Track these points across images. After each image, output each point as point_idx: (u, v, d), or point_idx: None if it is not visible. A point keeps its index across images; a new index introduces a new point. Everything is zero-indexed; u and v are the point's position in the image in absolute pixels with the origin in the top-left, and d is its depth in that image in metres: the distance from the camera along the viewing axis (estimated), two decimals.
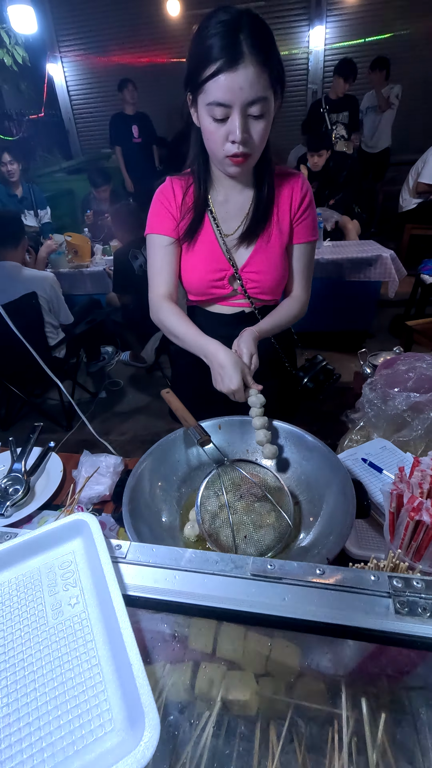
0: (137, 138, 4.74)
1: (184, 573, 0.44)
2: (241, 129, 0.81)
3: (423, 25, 5.04)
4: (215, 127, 0.83)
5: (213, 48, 0.75)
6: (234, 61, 0.74)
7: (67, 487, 1.07)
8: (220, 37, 0.74)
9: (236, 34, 0.74)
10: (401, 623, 0.38)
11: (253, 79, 0.76)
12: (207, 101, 0.80)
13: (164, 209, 1.03)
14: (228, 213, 1.04)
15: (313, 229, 1.08)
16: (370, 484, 0.93)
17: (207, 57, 0.76)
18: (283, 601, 0.41)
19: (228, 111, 0.80)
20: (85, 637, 0.38)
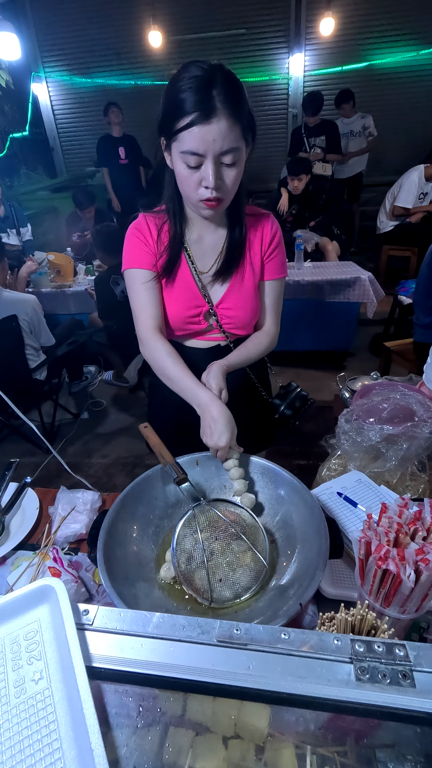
0: (124, 159, 4.81)
1: (150, 640, 0.44)
2: (214, 176, 0.84)
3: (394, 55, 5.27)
4: (189, 173, 0.86)
5: (187, 101, 0.78)
6: (207, 115, 0.78)
7: (43, 524, 1.05)
8: (194, 91, 0.78)
9: (210, 89, 0.78)
10: (360, 691, 0.39)
11: (225, 131, 0.80)
12: (181, 149, 0.83)
13: (142, 244, 1.04)
14: (202, 251, 1.06)
15: (282, 266, 1.13)
16: (345, 519, 0.94)
17: (182, 109, 0.79)
18: (248, 670, 0.41)
19: (201, 159, 0.83)
20: (47, 717, 0.37)
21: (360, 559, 0.64)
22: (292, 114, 5.87)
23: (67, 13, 5.52)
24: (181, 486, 0.89)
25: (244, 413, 1.20)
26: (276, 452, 2.56)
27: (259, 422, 1.33)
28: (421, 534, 0.62)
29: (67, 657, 0.40)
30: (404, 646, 0.42)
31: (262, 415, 1.33)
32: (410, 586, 0.57)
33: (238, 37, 5.52)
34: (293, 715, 0.48)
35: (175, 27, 5.31)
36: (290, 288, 3.19)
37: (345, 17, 5.03)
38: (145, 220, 1.05)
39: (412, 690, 0.39)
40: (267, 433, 1.39)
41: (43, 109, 6.20)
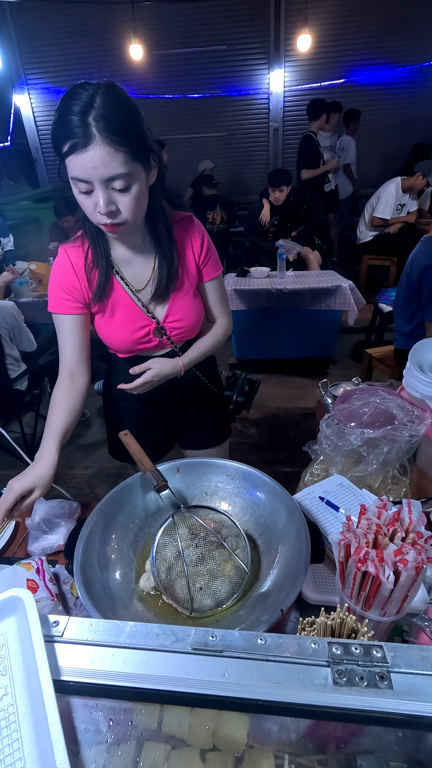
0: None
1: (123, 651, 0.42)
2: (105, 203, 0.81)
3: (371, 72, 5.46)
4: (84, 198, 0.83)
5: (65, 128, 0.75)
6: (84, 143, 0.75)
7: (20, 537, 1.02)
8: (71, 118, 0.74)
9: (86, 115, 0.74)
10: (338, 695, 0.38)
11: (106, 158, 0.76)
12: (70, 175, 0.81)
13: (60, 288, 1.00)
14: (135, 270, 1.04)
15: (216, 264, 1.13)
16: (327, 523, 0.94)
17: (62, 136, 0.76)
18: (223, 678, 0.40)
19: (90, 186, 0.80)
20: (11, 735, 0.35)
21: (340, 561, 0.63)
22: (273, 128, 5.99)
23: (48, 25, 5.56)
24: (161, 493, 0.88)
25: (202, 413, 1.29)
26: (260, 460, 2.56)
27: (216, 418, 1.37)
28: (399, 535, 0.62)
29: (34, 671, 0.38)
30: (381, 647, 0.41)
31: (218, 410, 1.37)
32: (389, 587, 0.57)
33: (219, 53, 5.64)
34: (271, 723, 0.47)
35: (157, 41, 5.40)
36: (273, 296, 3.22)
37: (322, 35, 5.20)
38: (66, 253, 1.00)
39: (389, 692, 0.38)
40: (224, 426, 1.42)
41: (26, 120, 6.21)
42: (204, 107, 5.88)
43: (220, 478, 0.98)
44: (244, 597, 0.79)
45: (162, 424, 1.30)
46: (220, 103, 5.88)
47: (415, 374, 1.23)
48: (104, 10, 5.34)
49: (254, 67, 5.74)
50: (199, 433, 1.34)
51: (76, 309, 1.02)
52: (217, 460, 1.00)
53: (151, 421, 1.25)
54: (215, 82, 5.80)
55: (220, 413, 1.38)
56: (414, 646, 0.41)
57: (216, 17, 5.41)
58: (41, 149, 6.40)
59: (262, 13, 5.40)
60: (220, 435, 1.40)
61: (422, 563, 0.57)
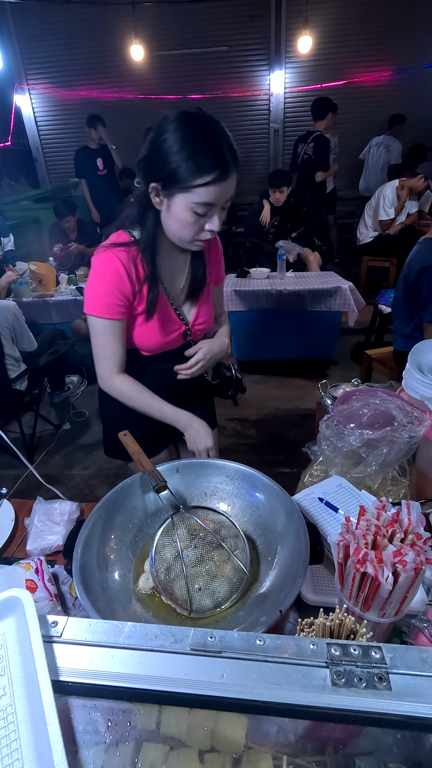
0: (102, 170, 4.84)
1: (121, 651, 0.42)
2: (219, 221, 0.94)
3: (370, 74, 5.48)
4: (195, 219, 0.91)
5: (209, 162, 0.84)
6: (225, 175, 0.87)
7: (18, 537, 1.02)
8: (212, 153, 0.85)
9: (222, 148, 0.85)
10: (336, 696, 0.38)
11: (232, 185, 0.90)
12: (193, 200, 0.88)
13: (117, 293, 1.00)
14: (173, 275, 1.12)
15: (223, 268, 1.26)
16: (326, 524, 0.94)
17: (202, 167, 0.85)
18: (222, 678, 0.40)
19: (211, 209, 0.91)
20: (9, 735, 0.35)
21: (339, 562, 0.63)
22: (273, 129, 6.00)
23: (50, 25, 5.57)
24: (160, 494, 0.88)
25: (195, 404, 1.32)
26: (259, 461, 2.56)
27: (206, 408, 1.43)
28: (398, 536, 0.62)
29: (33, 671, 0.38)
30: (380, 648, 0.41)
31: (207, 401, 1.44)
32: (388, 588, 0.57)
33: (220, 54, 5.65)
34: (270, 724, 0.47)
35: (158, 42, 5.41)
36: (273, 297, 3.23)
37: (322, 36, 5.21)
38: (119, 260, 1.00)
39: (387, 693, 0.38)
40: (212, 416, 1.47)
41: (26, 120, 6.21)
42: (204, 108, 5.81)
43: (219, 479, 0.98)
44: (243, 598, 0.79)
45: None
46: (221, 104, 5.88)
47: (414, 376, 1.23)
48: (105, 10, 5.35)
49: (255, 68, 5.75)
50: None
51: (126, 314, 1.05)
52: (216, 461, 1.00)
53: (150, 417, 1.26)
54: (216, 83, 5.81)
55: (208, 404, 1.44)
56: (413, 648, 0.41)
57: (217, 18, 5.42)
58: (41, 149, 6.40)
59: (263, 15, 5.41)
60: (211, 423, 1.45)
61: (421, 564, 0.57)
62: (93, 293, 1.02)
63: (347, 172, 5.50)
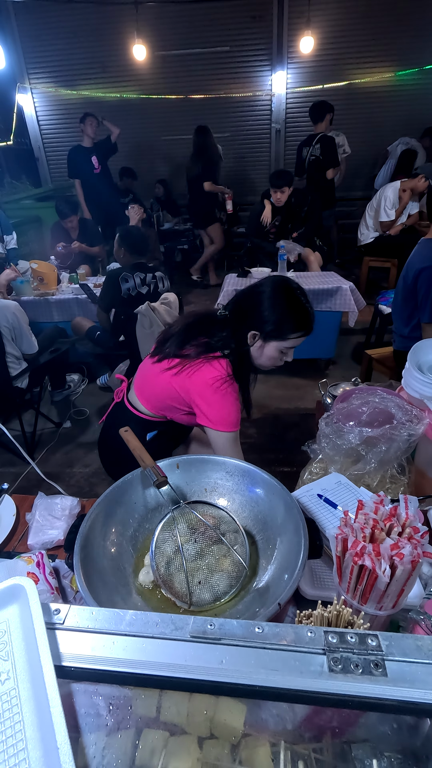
0: (97, 168, 4.77)
1: (123, 638, 0.43)
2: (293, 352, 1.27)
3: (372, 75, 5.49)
4: (279, 355, 1.25)
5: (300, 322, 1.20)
6: (310, 331, 1.24)
7: (20, 531, 1.03)
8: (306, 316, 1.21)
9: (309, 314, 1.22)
10: (333, 682, 0.39)
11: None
12: (285, 345, 1.22)
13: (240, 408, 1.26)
14: None
15: None
16: (325, 520, 0.95)
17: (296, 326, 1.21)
18: (221, 664, 0.41)
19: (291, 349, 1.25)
20: (13, 717, 0.36)
21: (337, 556, 0.64)
22: (275, 129, 6.01)
23: (52, 25, 5.57)
24: (160, 489, 0.88)
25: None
26: (259, 460, 2.56)
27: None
28: (396, 530, 0.63)
29: (36, 656, 0.39)
30: (377, 636, 0.42)
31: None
32: (385, 581, 0.58)
33: (222, 54, 5.65)
34: (268, 712, 0.47)
35: (160, 42, 5.41)
36: None
37: (324, 37, 5.21)
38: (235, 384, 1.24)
39: (383, 679, 0.39)
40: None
41: (29, 119, 6.21)
42: (206, 108, 5.88)
43: (219, 475, 0.99)
44: (242, 592, 0.79)
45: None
46: (223, 104, 5.89)
47: (414, 375, 1.24)
48: (108, 10, 5.36)
49: (257, 68, 5.75)
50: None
51: None
52: (216, 457, 1.01)
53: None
54: (218, 84, 5.81)
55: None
56: (408, 635, 0.42)
57: (219, 19, 5.42)
58: (43, 149, 6.41)
59: (265, 15, 5.41)
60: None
61: (418, 557, 0.58)
62: (230, 417, 1.23)
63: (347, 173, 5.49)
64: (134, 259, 2.78)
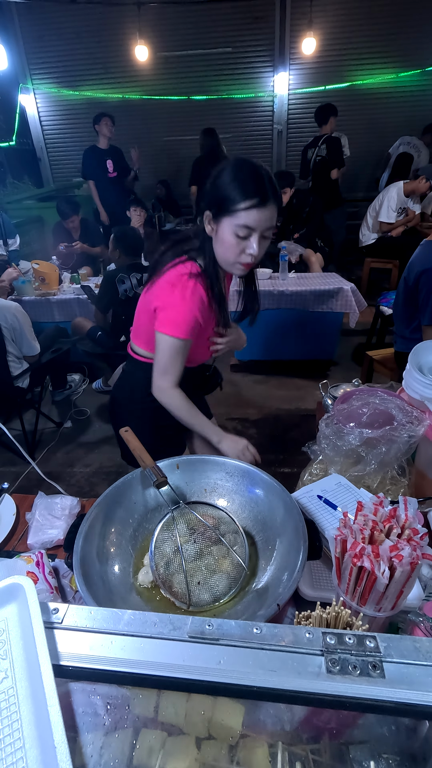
0: (112, 173, 4.74)
1: (121, 638, 0.43)
2: (258, 246, 1.06)
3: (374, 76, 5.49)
4: (237, 242, 1.05)
5: (250, 190, 1.00)
6: (265, 201, 1.01)
7: (20, 531, 1.03)
8: (256, 182, 1.00)
9: (266, 184, 1.01)
10: (332, 683, 0.39)
11: (272, 213, 1.03)
12: (236, 223, 1.02)
13: (199, 316, 1.15)
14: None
15: None
16: (325, 521, 0.95)
17: (245, 195, 1.00)
18: (219, 665, 0.41)
19: (251, 232, 1.04)
20: (11, 716, 0.36)
21: (336, 557, 0.64)
22: (277, 130, 6.01)
23: (55, 26, 5.59)
24: (160, 489, 0.89)
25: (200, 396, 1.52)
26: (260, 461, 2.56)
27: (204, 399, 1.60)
28: (395, 531, 0.63)
29: (34, 655, 0.39)
30: (375, 637, 0.42)
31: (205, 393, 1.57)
32: (384, 582, 0.58)
33: (224, 55, 5.66)
34: (266, 713, 0.47)
35: (162, 43, 5.43)
36: (275, 298, 3.23)
37: (326, 38, 5.21)
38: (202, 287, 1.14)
39: (381, 680, 0.39)
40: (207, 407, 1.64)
41: (31, 120, 6.23)
42: (208, 109, 5.89)
43: (219, 476, 0.99)
44: (241, 592, 0.79)
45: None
46: (225, 105, 5.90)
47: (414, 376, 1.24)
48: (110, 11, 5.37)
49: (259, 69, 5.75)
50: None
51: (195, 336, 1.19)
52: (216, 458, 1.01)
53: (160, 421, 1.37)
54: (220, 85, 5.82)
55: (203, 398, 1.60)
56: (407, 637, 0.42)
57: (221, 19, 5.43)
58: (45, 149, 6.42)
59: (268, 16, 5.42)
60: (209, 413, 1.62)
61: (417, 559, 0.58)
62: (178, 317, 1.13)
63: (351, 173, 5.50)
64: (130, 260, 2.79)
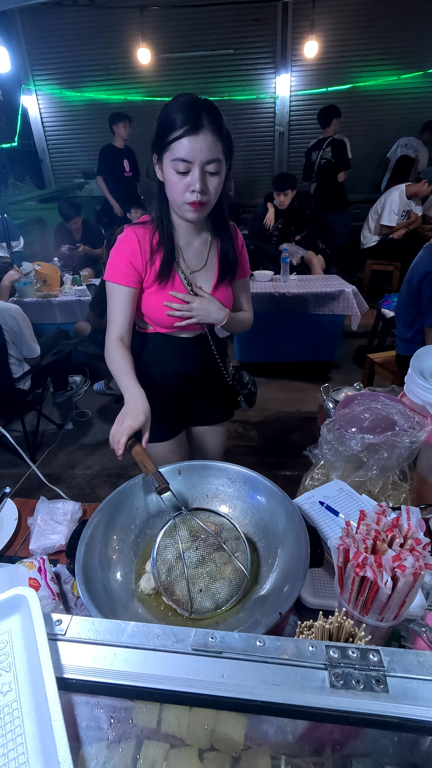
0: (129, 172, 4.72)
1: (124, 650, 0.43)
2: (200, 181, 0.98)
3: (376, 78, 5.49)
4: (178, 179, 0.98)
5: (180, 118, 0.93)
6: (196, 129, 0.93)
7: (21, 536, 1.03)
8: (186, 111, 0.93)
9: (198, 110, 0.94)
10: (335, 698, 0.39)
11: (210, 143, 0.95)
12: (172, 158, 0.96)
13: (127, 261, 1.11)
14: (189, 255, 1.17)
15: (248, 266, 1.32)
16: (327, 528, 0.95)
17: (175, 124, 0.94)
18: (222, 678, 0.41)
19: (190, 166, 0.96)
20: (14, 730, 0.36)
21: (339, 566, 0.64)
22: (278, 132, 6.01)
23: (57, 27, 5.59)
24: (162, 495, 0.89)
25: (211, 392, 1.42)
26: (260, 463, 2.57)
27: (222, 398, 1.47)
28: (398, 541, 0.63)
29: (38, 668, 0.39)
30: (378, 651, 0.42)
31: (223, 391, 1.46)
32: (387, 593, 0.58)
33: (226, 57, 5.66)
34: (269, 725, 0.47)
35: (164, 45, 5.43)
36: (276, 300, 3.23)
37: (328, 41, 5.21)
38: (134, 233, 1.12)
39: (385, 695, 0.39)
40: (227, 407, 1.52)
41: (33, 121, 6.24)
42: None
43: (221, 481, 0.99)
44: (243, 599, 0.79)
45: (181, 401, 1.38)
46: (227, 107, 5.84)
47: (416, 381, 1.24)
48: (113, 13, 5.37)
49: (261, 71, 5.75)
50: (209, 410, 1.46)
51: (134, 283, 1.12)
52: (218, 463, 1.01)
53: (173, 397, 1.34)
54: (222, 86, 5.82)
55: (225, 395, 1.48)
56: (410, 651, 0.41)
57: (223, 22, 5.43)
58: (47, 150, 6.43)
59: (270, 18, 5.41)
60: (224, 414, 1.53)
61: (420, 569, 0.58)
62: (110, 262, 1.12)
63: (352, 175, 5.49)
64: None
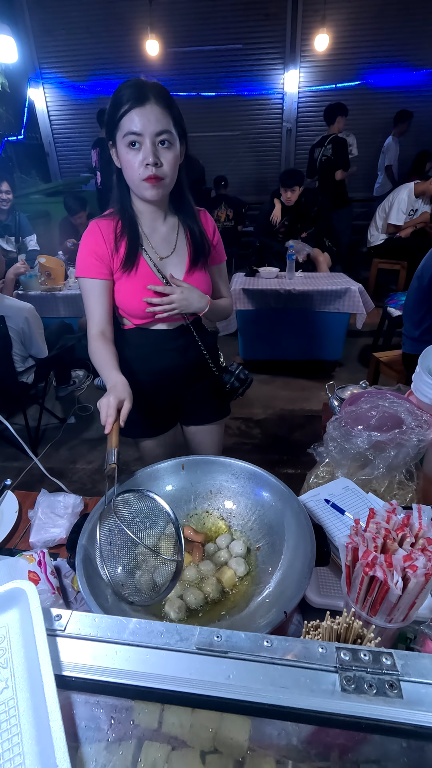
0: None
1: (125, 648, 0.41)
2: (153, 153, 0.96)
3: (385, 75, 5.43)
4: (132, 155, 0.97)
5: (125, 95, 0.95)
6: (142, 101, 0.94)
7: (22, 528, 1.02)
8: (131, 86, 0.95)
9: (142, 86, 0.95)
10: (347, 702, 0.37)
11: (158, 114, 0.95)
12: (123, 134, 0.96)
13: (92, 253, 1.09)
14: (156, 241, 1.14)
15: (223, 251, 1.30)
16: (333, 526, 0.93)
17: (121, 101, 0.95)
18: (228, 679, 0.39)
19: (140, 138, 0.96)
20: (11, 729, 0.35)
21: (347, 565, 0.62)
22: (286, 128, 5.97)
23: (65, 19, 5.56)
24: (105, 473, 0.81)
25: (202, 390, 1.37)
26: (264, 461, 2.55)
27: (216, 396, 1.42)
28: (409, 540, 0.61)
29: (36, 665, 0.38)
30: (391, 654, 0.40)
31: (216, 389, 1.41)
32: (397, 593, 0.56)
33: (234, 52, 5.62)
34: (273, 728, 0.46)
35: (173, 38, 5.39)
36: (281, 297, 3.21)
37: (339, 35, 5.15)
38: (97, 226, 1.10)
39: (399, 701, 0.37)
40: (222, 405, 1.46)
41: (39, 113, 6.22)
42: (218, 106, 5.85)
43: (225, 477, 0.97)
44: (247, 598, 0.78)
45: (168, 398, 1.34)
46: (234, 102, 5.85)
47: (424, 379, 1.21)
48: (121, 5, 5.34)
49: (269, 66, 5.70)
50: (200, 409, 1.41)
51: (103, 275, 1.10)
52: (222, 459, 0.99)
53: (158, 394, 1.30)
54: (230, 81, 5.78)
55: (218, 392, 1.43)
56: (425, 655, 0.40)
57: (233, 15, 5.38)
58: (54, 143, 6.41)
59: (279, 13, 5.36)
60: (219, 413, 1.46)
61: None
62: (77, 259, 1.11)
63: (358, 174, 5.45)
64: None
